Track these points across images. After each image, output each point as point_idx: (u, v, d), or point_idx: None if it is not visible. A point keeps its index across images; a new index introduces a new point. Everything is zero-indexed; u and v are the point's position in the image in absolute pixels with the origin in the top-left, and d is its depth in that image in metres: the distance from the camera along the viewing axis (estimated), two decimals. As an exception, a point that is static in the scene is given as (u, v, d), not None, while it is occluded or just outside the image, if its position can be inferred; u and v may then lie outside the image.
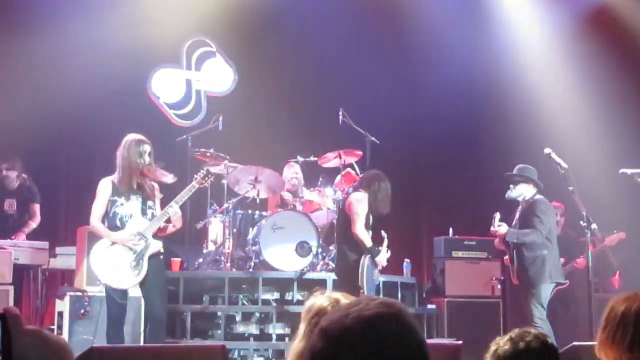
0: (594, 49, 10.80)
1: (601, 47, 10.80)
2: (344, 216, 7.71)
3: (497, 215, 7.85)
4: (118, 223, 6.70)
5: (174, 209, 6.75)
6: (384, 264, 7.84)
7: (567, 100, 11.07)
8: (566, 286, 8.14)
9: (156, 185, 6.93)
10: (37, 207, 9.10)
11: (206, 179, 7.07)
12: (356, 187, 7.89)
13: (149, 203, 6.83)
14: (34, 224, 9.00)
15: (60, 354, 1.81)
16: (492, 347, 2.69)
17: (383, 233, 7.90)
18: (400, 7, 11.22)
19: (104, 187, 6.77)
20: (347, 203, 7.71)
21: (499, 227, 7.80)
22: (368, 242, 7.55)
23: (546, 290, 7.70)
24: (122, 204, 6.73)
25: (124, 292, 6.71)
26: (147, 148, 6.80)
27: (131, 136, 6.90)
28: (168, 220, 6.79)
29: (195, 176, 7.07)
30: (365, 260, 7.49)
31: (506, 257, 8.19)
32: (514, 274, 7.97)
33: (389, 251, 7.81)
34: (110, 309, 6.68)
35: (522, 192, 7.91)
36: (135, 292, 6.97)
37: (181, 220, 6.99)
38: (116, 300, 6.64)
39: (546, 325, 7.53)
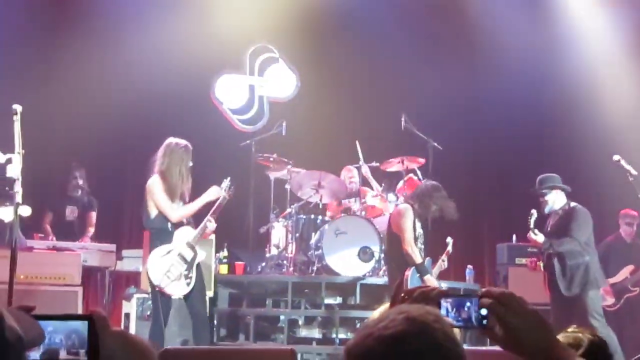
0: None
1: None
2: (390, 231, 7.63)
3: (534, 214, 7.69)
4: (169, 227, 6.84)
5: (212, 224, 6.99)
6: (434, 284, 7.70)
7: (637, 104, 10.85)
8: (636, 293, 7.99)
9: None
10: (94, 217, 9.25)
11: (231, 190, 7.14)
12: (405, 198, 7.87)
13: None
14: (91, 230, 9.15)
15: (145, 356, 1.86)
16: None
17: (448, 240, 7.86)
18: (464, 11, 11.15)
19: (158, 183, 6.86)
20: (392, 218, 7.65)
21: (536, 236, 7.67)
22: (417, 259, 7.37)
23: (597, 299, 7.56)
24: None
25: (170, 298, 6.87)
26: (190, 154, 6.97)
27: (175, 140, 7.03)
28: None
29: (224, 187, 7.11)
30: (409, 274, 7.40)
31: (534, 266, 8.07)
32: (547, 283, 7.80)
33: (445, 261, 7.72)
34: (156, 311, 6.84)
35: (554, 201, 7.77)
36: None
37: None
38: (165, 303, 6.80)
39: (608, 331, 7.35)
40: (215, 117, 11.13)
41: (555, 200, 7.76)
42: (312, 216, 8.91)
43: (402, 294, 1.87)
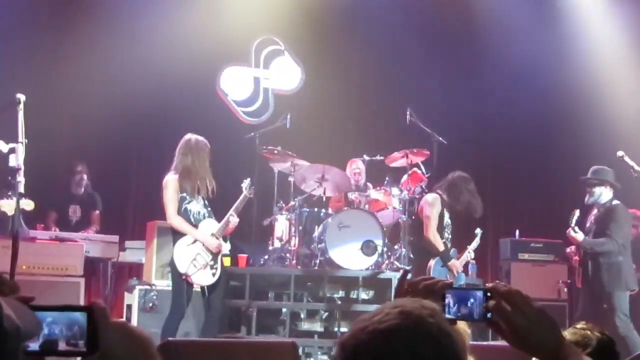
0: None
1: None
2: (417, 218, 7.84)
3: (576, 213, 7.72)
4: (192, 219, 6.89)
5: (235, 219, 7.11)
6: (459, 269, 8.02)
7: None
8: (636, 292, 7.98)
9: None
10: (97, 215, 9.24)
11: (252, 188, 7.41)
12: (434, 188, 7.98)
13: (206, 202, 7.09)
14: (94, 228, 9.13)
15: (145, 347, 1.85)
16: None
17: (477, 231, 7.99)
18: (470, 7, 11.13)
19: (172, 182, 6.91)
20: (420, 205, 7.85)
21: (576, 234, 7.68)
22: (440, 246, 7.73)
23: (625, 299, 7.59)
24: (190, 201, 6.90)
25: (191, 287, 6.87)
26: (207, 151, 7.04)
27: (195, 137, 7.09)
28: None
29: (244, 186, 7.37)
30: (432, 264, 7.49)
31: (574, 256, 8.08)
32: (581, 278, 7.84)
33: (472, 252, 7.93)
34: (177, 302, 6.90)
35: (600, 194, 7.77)
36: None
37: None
38: (185, 294, 6.83)
39: (632, 334, 7.41)
40: (220, 109, 11.13)
41: (602, 194, 7.81)
42: (316, 209, 8.90)
43: (406, 287, 1.85)
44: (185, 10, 10.37)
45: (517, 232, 9.70)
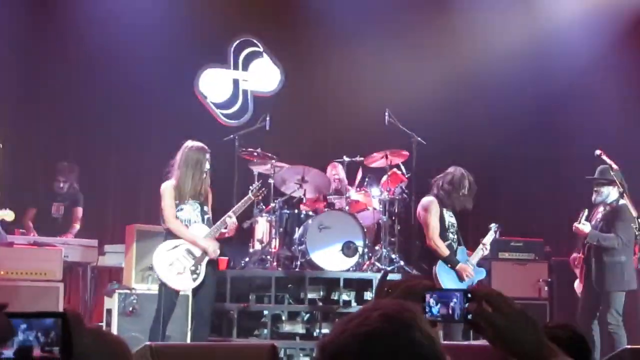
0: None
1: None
2: (418, 224, 7.82)
3: (585, 212, 7.80)
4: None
5: (232, 220, 7.11)
6: (469, 273, 7.77)
7: (618, 99, 10.89)
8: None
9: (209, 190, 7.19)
10: (80, 211, 9.23)
11: (260, 192, 7.54)
12: (431, 188, 7.87)
13: (205, 208, 7.14)
14: (77, 226, 9.12)
15: (120, 352, 1.84)
16: None
17: (492, 225, 8.08)
18: (448, 5, 11.16)
19: (168, 190, 6.98)
20: (417, 211, 7.83)
21: (583, 226, 7.74)
22: (443, 252, 7.59)
23: (621, 298, 7.69)
24: (182, 209, 6.99)
25: (177, 293, 6.91)
26: (208, 156, 7.06)
27: (193, 143, 7.13)
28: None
29: (251, 188, 7.51)
30: (436, 270, 7.42)
31: (574, 255, 8.14)
32: (584, 276, 7.91)
33: (488, 247, 7.94)
34: (165, 306, 6.90)
35: (608, 194, 7.86)
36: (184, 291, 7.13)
37: (235, 229, 7.30)
38: (169, 299, 6.83)
39: (621, 331, 7.52)
40: (199, 111, 11.10)
41: (610, 194, 7.86)
42: (296, 211, 8.89)
43: (387, 288, 1.85)
44: (162, 11, 10.31)
45: (498, 231, 9.72)
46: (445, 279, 7.59)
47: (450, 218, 7.91)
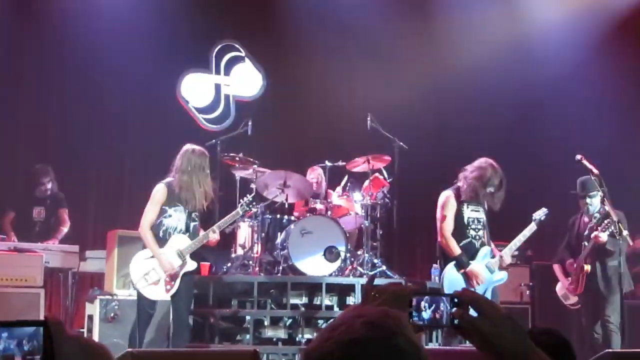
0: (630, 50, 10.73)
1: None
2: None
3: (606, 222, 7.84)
4: (161, 234, 6.89)
5: (215, 235, 7.11)
6: (479, 278, 7.08)
7: (601, 104, 10.96)
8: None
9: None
10: (65, 213, 9.16)
11: (251, 206, 7.53)
12: (456, 181, 7.25)
13: (194, 215, 7.08)
14: (65, 229, 9.05)
15: (101, 359, 1.83)
16: None
17: (540, 212, 7.53)
18: (429, 9, 11.20)
19: (160, 193, 6.92)
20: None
21: (602, 233, 7.79)
22: (453, 251, 7.05)
23: (622, 300, 7.74)
24: (170, 215, 6.93)
25: (153, 301, 6.94)
26: (207, 161, 7.07)
27: (192, 147, 7.11)
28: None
29: (241, 202, 7.48)
30: (447, 270, 7.16)
31: (570, 261, 8.17)
32: (589, 279, 7.96)
33: (512, 254, 7.50)
34: (140, 313, 6.95)
35: (597, 205, 7.99)
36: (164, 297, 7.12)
37: (217, 242, 7.30)
38: (145, 306, 6.84)
39: (619, 333, 7.61)
40: (180, 115, 11.07)
41: (598, 203, 7.96)
42: (278, 216, 8.87)
43: (373, 293, 1.84)
44: (146, 15, 10.28)
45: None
46: (449, 282, 7.08)
47: (472, 213, 7.26)
